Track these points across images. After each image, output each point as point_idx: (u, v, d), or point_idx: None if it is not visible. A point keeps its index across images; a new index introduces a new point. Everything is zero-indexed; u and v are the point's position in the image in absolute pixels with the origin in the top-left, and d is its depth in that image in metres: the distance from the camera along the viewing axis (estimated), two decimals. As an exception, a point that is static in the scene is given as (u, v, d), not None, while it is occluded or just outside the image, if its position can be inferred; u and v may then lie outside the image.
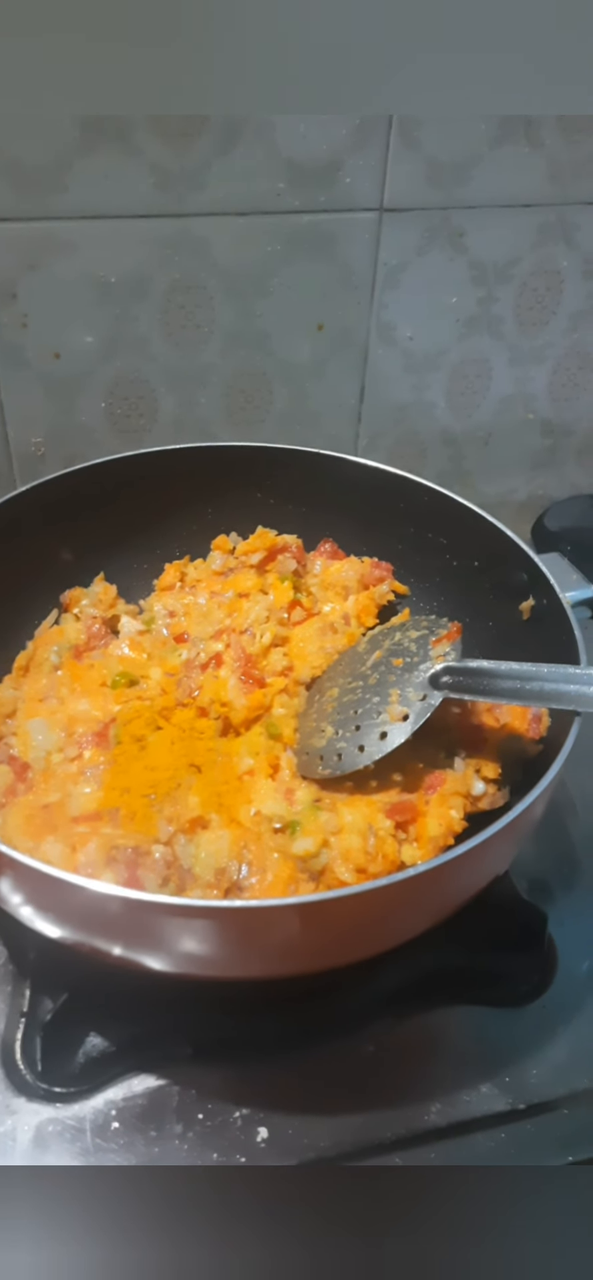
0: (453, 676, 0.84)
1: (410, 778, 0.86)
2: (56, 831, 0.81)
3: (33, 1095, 0.76)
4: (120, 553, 1.10)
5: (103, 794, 0.85)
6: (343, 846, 0.81)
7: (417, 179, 1.11)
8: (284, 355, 1.22)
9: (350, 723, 0.87)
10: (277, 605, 1.04)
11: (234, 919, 0.67)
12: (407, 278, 1.18)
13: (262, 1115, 0.77)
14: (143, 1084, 0.78)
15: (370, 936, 0.73)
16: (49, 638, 1.02)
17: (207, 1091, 0.78)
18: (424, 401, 1.31)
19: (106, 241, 1.08)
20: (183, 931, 0.67)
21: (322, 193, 1.10)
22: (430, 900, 0.72)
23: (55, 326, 1.13)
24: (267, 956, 0.72)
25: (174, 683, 0.97)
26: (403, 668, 0.88)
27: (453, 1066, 0.81)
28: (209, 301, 1.15)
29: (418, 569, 1.08)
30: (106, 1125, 0.75)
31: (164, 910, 0.66)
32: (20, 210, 1.04)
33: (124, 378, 1.19)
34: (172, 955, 0.70)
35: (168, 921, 0.67)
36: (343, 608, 1.06)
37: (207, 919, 0.66)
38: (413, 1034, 0.83)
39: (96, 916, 0.69)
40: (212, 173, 1.06)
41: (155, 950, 0.70)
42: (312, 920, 0.67)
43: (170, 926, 0.67)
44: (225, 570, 1.10)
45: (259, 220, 1.10)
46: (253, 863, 0.80)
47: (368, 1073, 0.80)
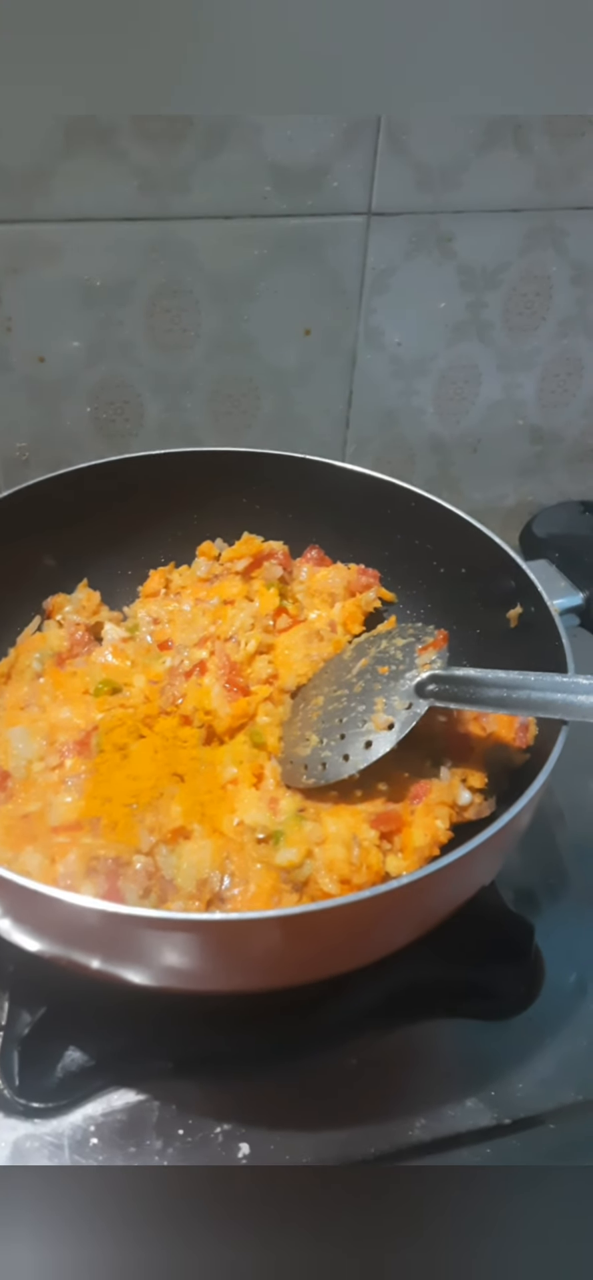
0: (439, 685, 0.83)
1: (396, 787, 0.85)
2: (36, 841, 0.80)
3: (10, 1111, 0.75)
4: (104, 559, 1.09)
5: (84, 803, 0.83)
6: (327, 857, 0.80)
7: (405, 183, 1.10)
8: (271, 360, 1.21)
9: (336, 731, 0.86)
10: (262, 612, 1.03)
11: (215, 932, 0.66)
12: (395, 282, 1.18)
13: (243, 1130, 0.76)
14: (122, 1099, 0.77)
15: (354, 949, 0.72)
16: (31, 645, 1.00)
17: (187, 1106, 0.77)
18: (412, 407, 1.31)
19: (91, 245, 1.07)
20: (163, 945, 0.66)
21: (309, 196, 1.09)
22: (416, 912, 0.71)
23: (39, 330, 1.12)
24: (249, 970, 0.71)
25: (158, 690, 0.96)
26: (389, 676, 0.87)
27: (438, 1080, 0.80)
28: (195, 306, 1.14)
29: (405, 576, 1.07)
30: (85, 1141, 0.74)
31: (144, 923, 0.65)
32: (3, 213, 1.03)
33: (109, 382, 1.18)
34: (152, 969, 0.69)
35: (148, 935, 0.66)
36: (329, 615, 1.05)
37: (187, 932, 0.65)
38: (397, 1047, 0.82)
39: (75, 930, 0.67)
40: (197, 176, 1.05)
41: (136, 964, 0.69)
42: (295, 933, 0.66)
43: (150, 940, 0.66)
44: (210, 577, 1.09)
45: (245, 224, 1.09)
46: (235, 873, 0.79)
47: (351, 1087, 0.79)
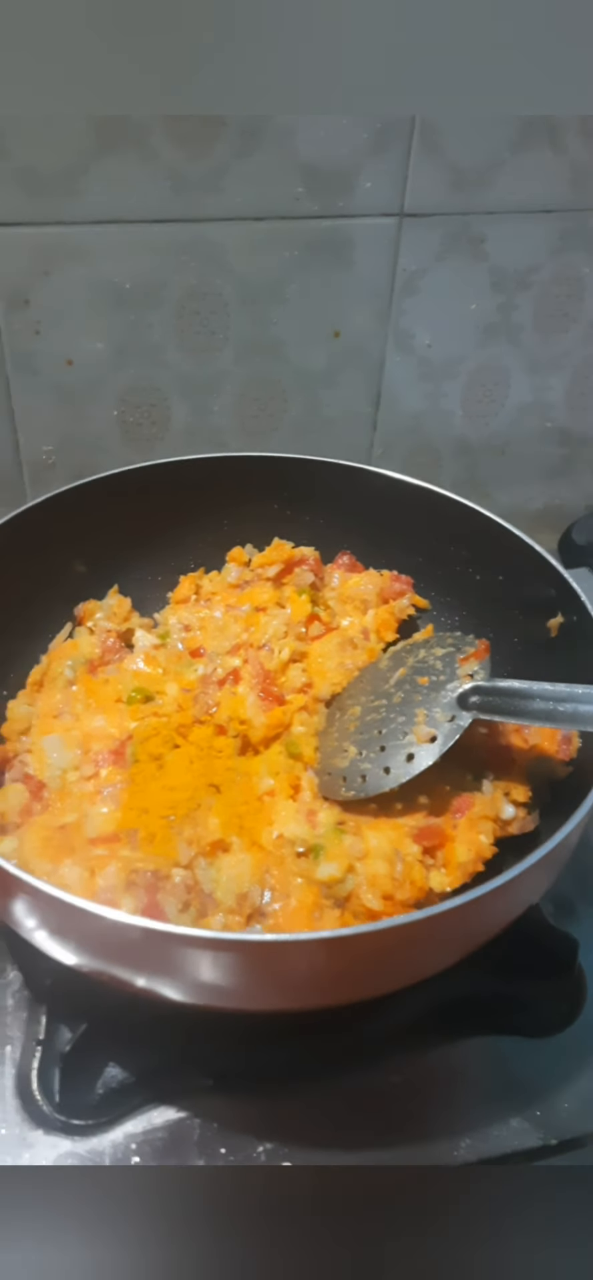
0: (483, 697, 0.82)
1: (437, 800, 0.84)
2: (74, 854, 0.79)
3: (50, 1127, 0.74)
4: (134, 565, 1.08)
5: (120, 814, 0.82)
6: (369, 872, 0.78)
7: (438, 184, 1.09)
8: (299, 363, 1.20)
9: (375, 743, 0.85)
10: (294, 619, 1.02)
11: (259, 952, 0.65)
12: (425, 284, 1.16)
13: (286, 1150, 0.75)
14: (163, 1116, 0.76)
15: (399, 971, 0.71)
16: (63, 652, 0.99)
17: (228, 1124, 0.76)
18: (441, 410, 1.29)
19: (121, 247, 1.06)
20: (204, 963, 0.65)
21: (341, 198, 1.07)
22: (464, 933, 0.70)
23: (68, 333, 1.11)
24: (292, 990, 0.70)
25: (191, 699, 0.95)
26: (429, 686, 0.85)
27: (482, 1099, 0.79)
28: (224, 308, 1.13)
29: (439, 582, 1.06)
30: (126, 1160, 0.73)
31: (185, 942, 0.64)
32: (34, 215, 1.02)
33: (137, 385, 1.17)
34: (192, 986, 0.68)
35: (190, 953, 0.65)
36: (362, 622, 1.04)
37: (231, 952, 0.64)
38: (439, 1065, 0.81)
39: (116, 945, 0.67)
40: (229, 177, 1.04)
41: (175, 981, 0.68)
42: (339, 955, 0.65)
43: (191, 958, 0.65)
44: (241, 583, 1.08)
45: (276, 225, 1.08)
46: (276, 888, 0.78)
47: (394, 1105, 0.78)
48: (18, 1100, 0.75)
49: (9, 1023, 0.80)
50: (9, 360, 1.11)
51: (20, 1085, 0.76)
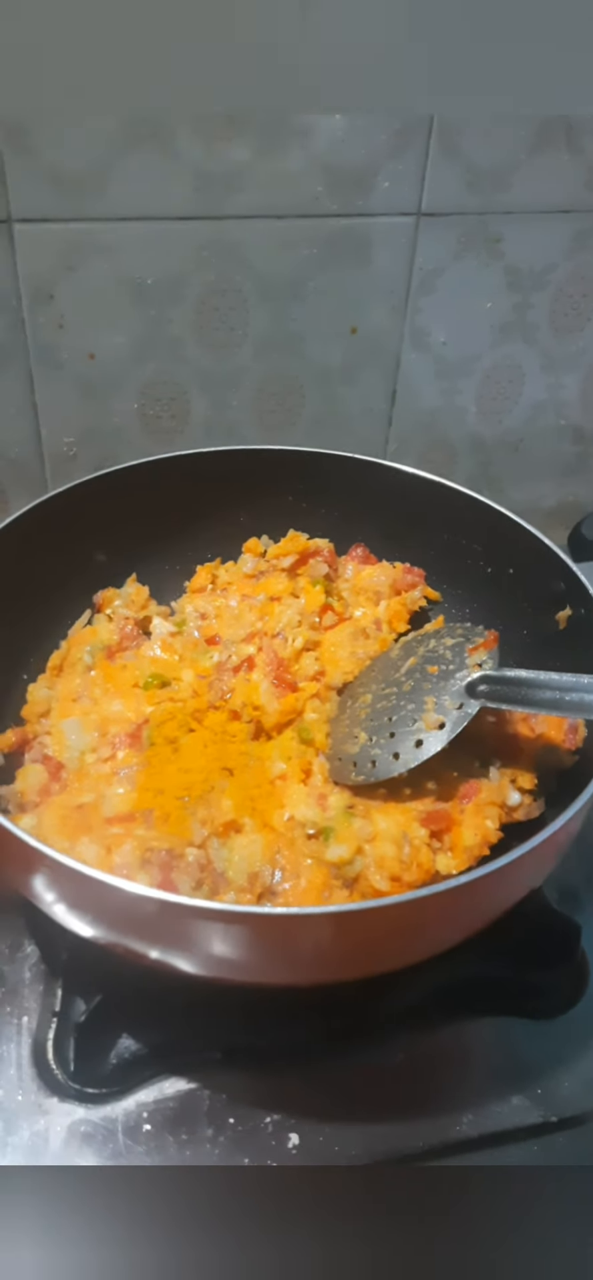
0: (490, 685, 0.83)
1: (445, 786, 0.86)
2: (91, 832, 0.81)
3: (65, 1095, 0.76)
4: (152, 554, 1.10)
5: (136, 795, 0.85)
6: (377, 854, 0.80)
7: (455, 184, 1.10)
8: (317, 359, 1.22)
9: (385, 729, 0.87)
10: (308, 609, 1.04)
11: (269, 925, 0.67)
12: (442, 283, 1.18)
13: (292, 1122, 0.76)
14: (173, 1087, 0.78)
15: (406, 947, 0.73)
16: (82, 638, 1.02)
17: (237, 1096, 0.78)
18: (455, 407, 1.31)
19: (144, 244, 1.08)
20: (216, 936, 0.67)
21: (360, 197, 1.09)
22: (468, 912, 0.72)
23: (91, 328, 1.13)
24: (299, 964, 0.72)
25: (206, 685, 0.97)
26: (438, 675, 0.87)
27: (484, 1077, 0.81)
28: (243, 304, 1.15)
29: (451, 575, 1.08)
30: (138, 1127, 0.75)
31: (199, 914, 0.66)
32: (60, 211, 1.04)
33: (157, 380, 1.19)
34: (204, 959, 0.70)
35: (202, 925, 0.67)
36: (374, 613, 1.06)
37: (241, 924, 0.66)
38: (443, 1044, 0.83)
39: (131, 917, 0.69)
40: (250, 176, 1.06)
41: (188, 953, 0.70)
42: (347, 930, 0.67)
43: (204, 930, 0.67)
44: (257, 573, 1.10)
45: (296, 224, 1.10)
46: (286, 868, 0.80)
47: (399, 1081, 0.80)
48: (34, 1069, 0.78)
49: (26, 995, 0.82)
50: (33, 353, 1.14)
51: (36, 1054, 0.79)
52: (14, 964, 0.84)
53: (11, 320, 1.11)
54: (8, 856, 0.72)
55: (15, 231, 1.05)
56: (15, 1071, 0.77)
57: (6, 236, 1.05)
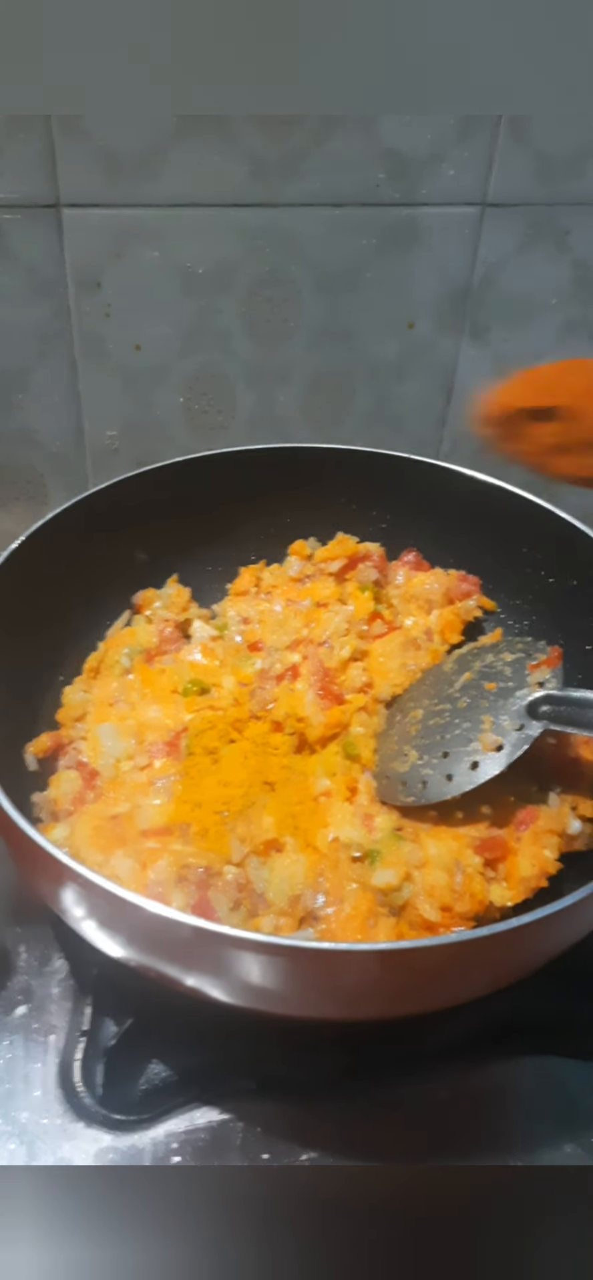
0: (554, 706, 0.78)
1: (500, 811, 0.81)
2: (126, 845, 0.77)
3: (92, 1121, 0.73)
4: (194, 555, 1.07)
5: (173, 807, 0.81)
6: (427, 882, 0.76)
7: (524, 173, 1.05)
8: (370, 354, 1.17)
9: (437, 748, 0.82)
10: (356, 617, 0.99)
11: (311, 960, 0.62)
12: (505, 277, 1.13)
13: (330, 1160, 0.72)
14: (205, 1117, 0.74)
15: (456, 988, 0.68)
16: (120, 640, 0.98)
17: (272, 1130, 0.74)
18: (514, 408, 1.25)
19: (195, 231, 1.04)
20: (255, 967, 0.63)
21: (423, 185, 1.04)
22: (527, 953, 0.67)
23: (138, 317, 1.10)
24: (341, 1000, 0.67)
25: (247, 693, 0.93)
26: (497, 693, 0.82)
27: (535, 1121, 0.76)
28: (296, 296, 1.11)
29: (508, 584, 1.02)
30: (167, 1158, 0.72)
31: (236, 944, 0.62)
32: (110, 197, 1.01)
33: (204, 372, 1.15)
34: (241, 989, 0.66)
35: (239, 955, 0.62)
36: (426, 622, 1.01)
37: (282, 957, 0.62)
38: (490, 1083, 0.78)
39: (165, 942, 0.65)
40: (308, 162, 1.02)
41: (224, 982, 0.66)
42: (395, 968, 0.62)
43: (242, 961, 0.63)
44: (302, 577, 1.06)
45: (354, 212, 1.05)
46: (330, 891, 0.76)
47: (442, 1121, 0.75)
48: (60, 1091, 0.74)
49: (53, 1011, 0.79)
50: (78, 342, 1.11)
51: (63, 1076, 0.75)
52: (42, 978, 0.81)
53: (58, 308, 1.08)
54: (37, 869, 0.69)
55: (64, 216, 1.02)
56: (41, 1093, 0.74)
57: (55, 221, 1.02)
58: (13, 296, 1.06)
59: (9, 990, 0.80)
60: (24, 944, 0.83)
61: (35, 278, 1.05)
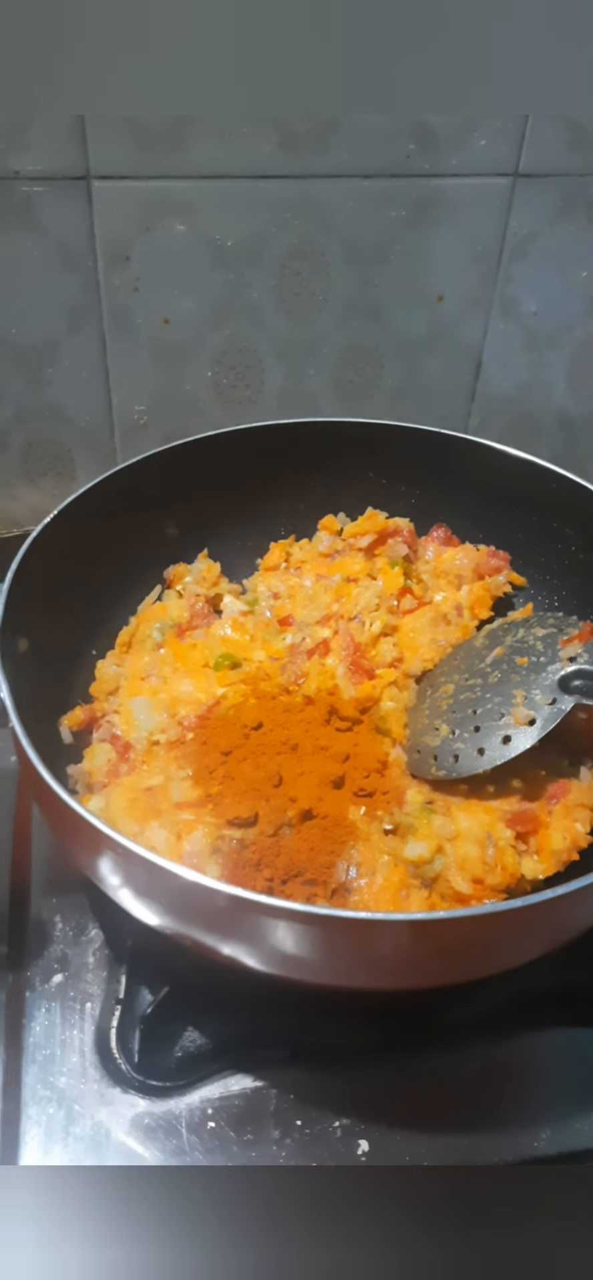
0: (586, 681, 0.78)
1: (531, 785, 0.81)
2: (160, 817, 0.78)
3: (128, 1086, 0.74)
4: (225, 529, 1.07)
5: (206, 780, 0.81)
6: (459, 855, 0.76)
7: (557, 143, 1.03)
8: (400, 327, 1.16)
9: (469, 723, 0.82)
10: (386, 592, 0.99)
11: (343, 928, 0.63)
12: (536, 249, 1.11)
13: (362, 1127, 0.74)
14: (239, 1084, 0.75)
15: (488, 959, 0.69)
16: (152, 614, 0.99)
17: (305, 1098, 0.75)
18: (543, 381, 1.24)
19: (225, 203, 1.04)
20: (288, 935, 0.64)
21: (453, 156, 1.03)
22: (559, 926, 0.67)
23: (167, 291, 1.09)
24: (373, 969, 0.68)
25: (278, 668, 0.93)
26: (528, 667, 0.82)
27: (564, 1091, 0.77)
28: (326, 268, 1.10)
29: (539, 560, 1.02)
30: (202, 1124, 0.73)
31: (270, 912, 0.62)
32: (139, 169, 1.00)
33: (233, 346, 1.15)
34: (275, 957, 0.67)
35: (273, 924, 0.63)
36: (456, 598, 1.01)
37: (315, 926, 0.63)
38: (521, 1054, 0.79)
39: (201, 910, 0.66)
40: (339, 133, 1.01)
41: (258, 950, 0.67)
42: (427, 938, 0.63)
43: (275, 929, 0.64)
44: (332, 552, 1.06)
45: (385, 184, 1.04)
46: (362, 864, 0.76)
47: (474, 1091, 0.77)
48: (97, 1057, 0.76)
49: (90, 980, 0.80)
50: (107, 317, 1.10)
51: (99, 1043, 0.77)
52: (78, 947, 0.82)
53: (87, 282, 1.07)
54: (75, 839, 0.70)
55: (93, 189, 1.02)
56: (78, 1059, 0.76)
57: (84, 193, 1.02)
58: (42, 270, 1.06)
59: (46, 959, 0.81)
60: (60, 914, 0.84)
61: (65, 251, 1.05)
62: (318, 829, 0.78)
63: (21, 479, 1.21)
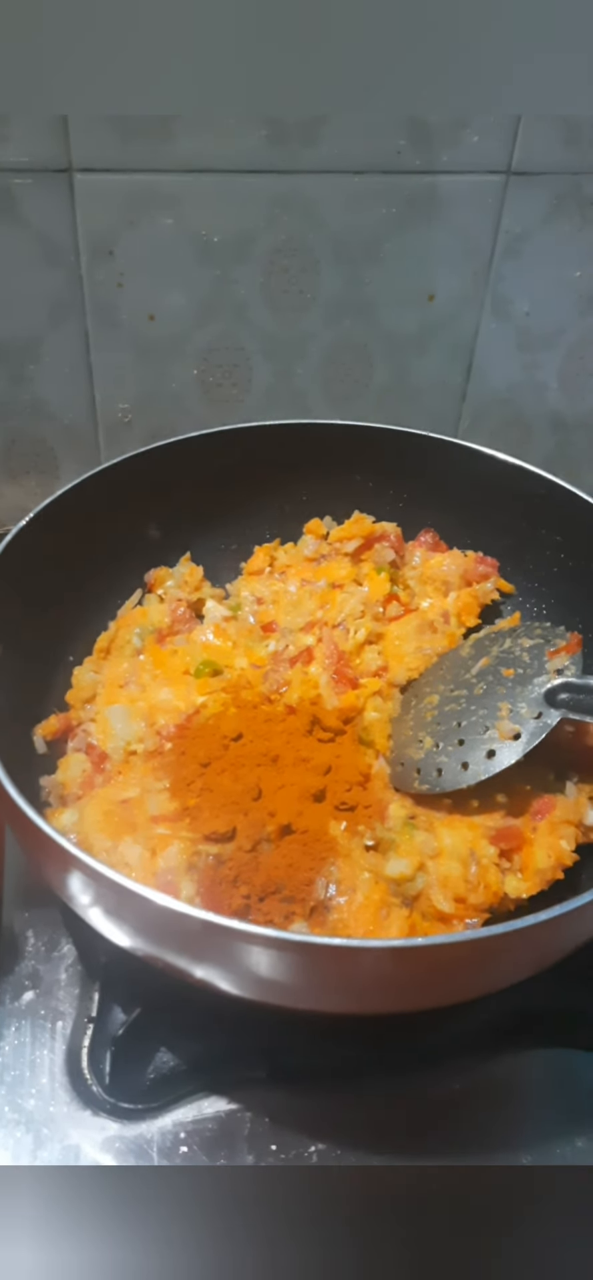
0: (573, 694, 0.76)
1: (516, 800, 0.79)
2: (135, 831, 0.76)
3: (99, 1109, 0.72)
4: (208, 532, 1.05)
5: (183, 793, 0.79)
6: (441, 872, 0.74)
7: (550, 141, 1.01)
8: (389, 327, 1.14)
9: (453, 735, 0.80)
10: (372, 598, 0.98)
11: (322, 955, 0.61)
12: (529, 248, 1.09)
13: (338, 1153, 0.72)
14: (213, 1107, 0.74)
15: (468, 984, 0.67)
16: (132, 619, 0.97)
17: (280, 1121, 0.73)
18: (535, 382, 1.22)
19: (211, 198, 1.01)
20: (265, 960, 0.62)
21: (445, 152, 1.01)
22: (542, 950, 0.65)
23: (152, 287, 1.07)
24: (352, 993, 0.66)
25: (260, 676, 0.91)
26: (514, 679, 0.80)
27: (545, 1114, 0.76)
28: (314, 266, 1.08)
29: (527, 567, 1.00)
30: (174, 1148, 0.71)
31: (246, 938, 0.60)
32: (123, 162, 0.98)
33: (219, 344, 1.13)
34: (252, 982, 0.65)
35: (249, 950, 0.61)
36: (443, 605, 0.99)
37: (292, 953, 0.60)
38: (502, 1075, 0.77)
39: (174, 934, 0.64)
40: (328, 127, 0.98)
41: (234, 975, 0.65)
42: (407, 964, 0.61)
43: (251, 955, 0.62)
44: (318, 557, 1.04)
45: (375, 180, 1.02)
46: (342, 881, 0.74)
47: (454, 1114, 0.75)
48: (67, 1078, 0.74)
49: (61, 998, 0.78)
50: (90, 313, 1.08)
51: (70, 1063, 0.75)
52: (50, 963, 0.80)
53: (70, 276, 1.05)
54: (45, 857, 0.67)
55: (76, 182, 0.99)
56: (48, 1080, 0.73)
57: (66, 187, 0.99)
58: (24, 265, 1.04)
59: (16, 975, 0.79)
60: (32, 928, 0.82)
61: (47, 245, 1.03)
62: (297, 844, 0.76)
63: (3, 476, 1.19)
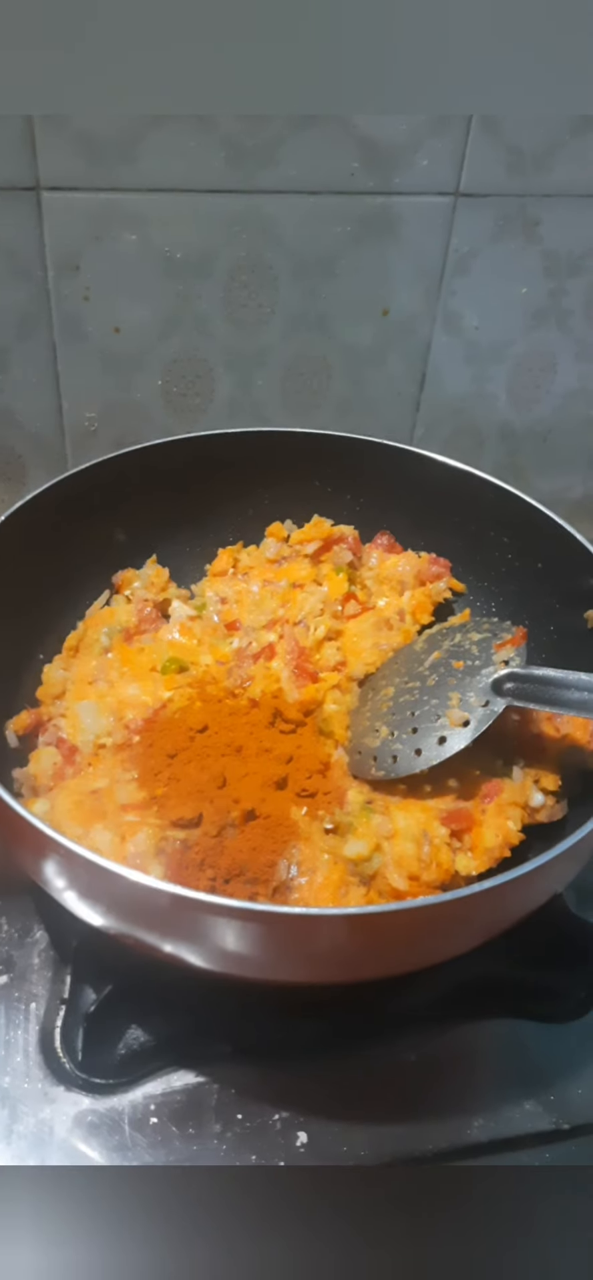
0: (517, 683, 0.81)
1: (467, 784, 0.84)
2: (105, 819, 0.80)
3: (71, 1085, 0.75)
4: (173, 535, 1.08)
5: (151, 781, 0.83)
6: (396, 852, 0.79)
7: (495, 165, 1.07)
8: (346, 340, 1.19)
9: (407, 724, 0.85)
10: (331, 597, 1.02)
11: (284, 924, 0.65)
12: (477, 266, 1.15)
13: (301, 1120, 0.75)
14: (182, 1080, 0.77)
15: (421, 951, 0.71)
16: (100, 619, 1.00)
17: (246, 1092, 0.76)
18: (485, 393, 1.28)
19: (174, 216, 1.05)
20: (230, 932, 0.66)
21: (397, 174, 1.06)
22: (489, 918, 0.70)
23: (117, 300, 1.11)
24: (312, 963, 0.70)
25: (225, 671, 0.95)
26: (464, 671, 0.85)
27: (496, 1081, 0.80)
28: (273, 281, 1.12)
29: (477, 567, 1.05)
30: (145, 1120, 0.74)
31: (212, 910, 0.64)
32: (89, 180, 1.02)
33: (182, 356, 1.17)
34: (217, 954, 0.69)
35: (215, 921, 0.65)
36: (398, 603, 1.04)
37: (256, 922, 0.64)
38: (455, 1045, 0.81)
39: (144, 910, 0.67)
40: (285, 149, 1.03)
41: (201, 948, 0.69)
42: (363, 932, 0.65)
43: (217, 926, 0.65)
44: (279, 558, 1.08)
45: (330, 200, 1.07)
46: (302, 862, 0.78)
47: (409, 1082, 0.79)
48: (41, 1056, 0.77)
49: (34, 981, 0.81)
50: (57, 325, 1.11)
51: (44, 1042, 0.78)
52: (23, 949, 0.83)
53: (36, 290, 1.08)
54: (19, 841, 0.71)
55: (43, 199, 1.03)
56: (22, 1059, 0.76)
57: (34, 204, 1.03)
58: (-7, 279, 1.07)
59: (-9, 960, 0.82)
60: (5, 916, 0.85)
61: (14, 260, 1.06)
62: (260, 829, 0.80)
63: (-28, 484, 1.22)
